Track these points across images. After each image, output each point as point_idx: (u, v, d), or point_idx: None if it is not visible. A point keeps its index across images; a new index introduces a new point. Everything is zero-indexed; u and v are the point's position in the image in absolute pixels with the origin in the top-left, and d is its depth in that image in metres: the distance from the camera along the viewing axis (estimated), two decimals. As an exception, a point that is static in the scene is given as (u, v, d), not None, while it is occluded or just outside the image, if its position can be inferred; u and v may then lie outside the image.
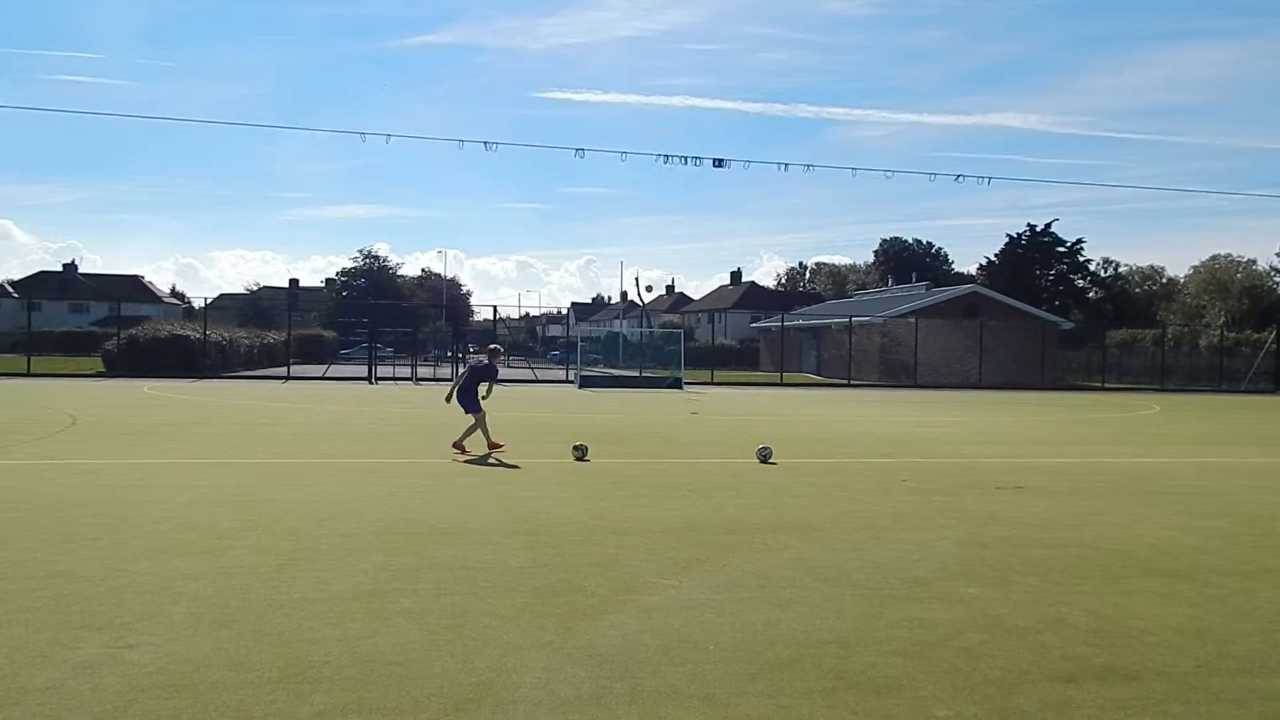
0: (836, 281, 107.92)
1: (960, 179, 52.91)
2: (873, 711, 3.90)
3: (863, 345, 45.78)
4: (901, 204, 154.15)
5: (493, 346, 14.27)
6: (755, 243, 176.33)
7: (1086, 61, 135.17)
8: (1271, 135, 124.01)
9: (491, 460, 11.99)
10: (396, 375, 39.57)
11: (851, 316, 47.08)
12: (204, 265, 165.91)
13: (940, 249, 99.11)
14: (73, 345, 55.58)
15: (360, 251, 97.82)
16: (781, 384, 40.65)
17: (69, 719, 3.66)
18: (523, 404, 24.59)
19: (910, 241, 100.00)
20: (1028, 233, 73.63)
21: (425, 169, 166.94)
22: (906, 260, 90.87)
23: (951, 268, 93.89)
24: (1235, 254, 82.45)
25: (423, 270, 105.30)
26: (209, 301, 47.49)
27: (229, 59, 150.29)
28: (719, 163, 23.78)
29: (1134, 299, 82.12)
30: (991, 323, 45.35)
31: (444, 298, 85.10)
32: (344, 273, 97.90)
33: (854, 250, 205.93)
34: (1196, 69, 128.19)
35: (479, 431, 12.85)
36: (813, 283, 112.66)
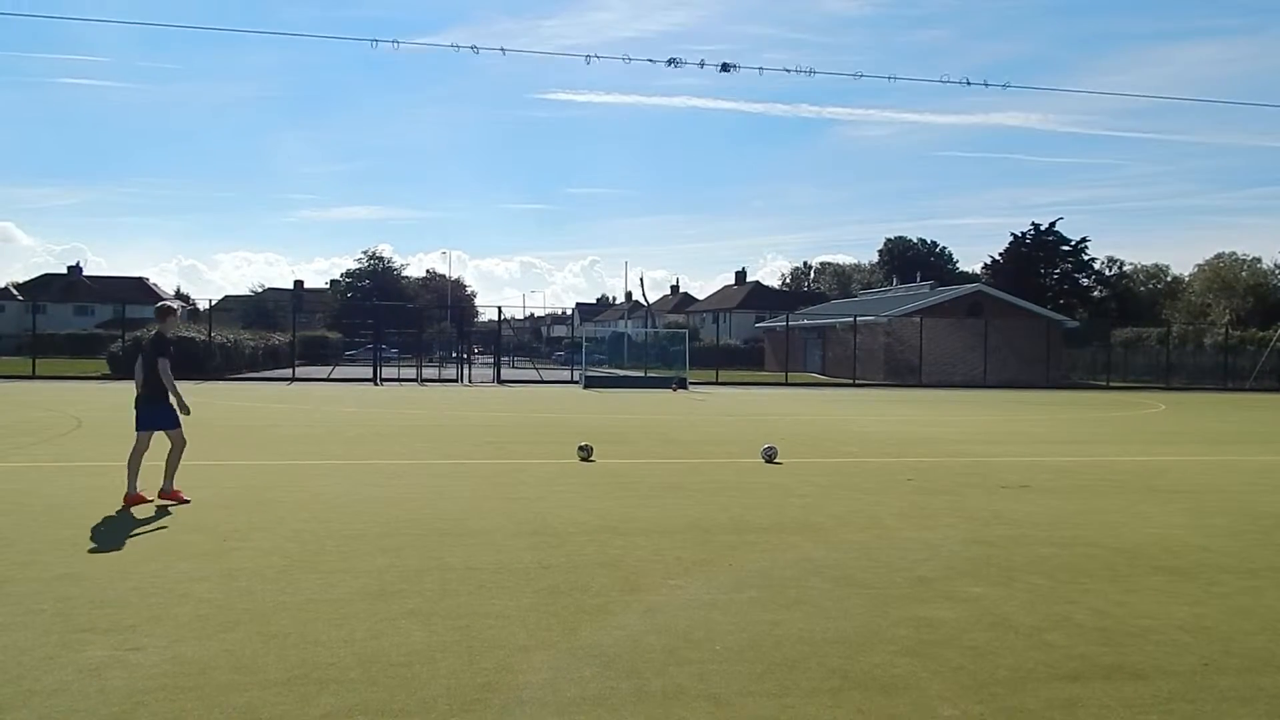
0: (841, 281, 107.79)
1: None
2: (879, 711, 3.89)
3: (867, 345, 45.74)
4: (905, 203, 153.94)
5: (162, 304, 8.98)
6: (759, 242, 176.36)
7: (1087, 61, 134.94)
8: (1274, 134, 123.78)
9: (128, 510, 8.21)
10: (402, 377, 39.61)
11: (856, 316, 47.01)
12: (208, 267, 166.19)
13: (945, 248, 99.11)
14: (78, 347, 55.68)
15: (364, 253, 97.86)
16: (786, 384, 40.62)
17: (76, 721, 3.66)
18: (528, 404, 24.61)
19: (915, 241, 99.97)
20: (1032, 232, 73.55)
21: (427, 171, 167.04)
22: (911, 259, 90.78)
23: (956, 267, 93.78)
24: (1240, 252, 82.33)
25: (427, 271, 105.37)
26: (213, 303, 47.57)
27: (230, 61, 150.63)
28: (726, 68, 22.92)
29: (1139, 297, 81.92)
30: (996, 322, 45.28)
31: (449, 298, 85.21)
32: (348, 274, 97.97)
33: (858, 250, 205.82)
34: (1198, 68, 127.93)
35: (169, 460, 8.64)
36: (817, 282, 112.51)
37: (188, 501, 8.46)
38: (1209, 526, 8.24)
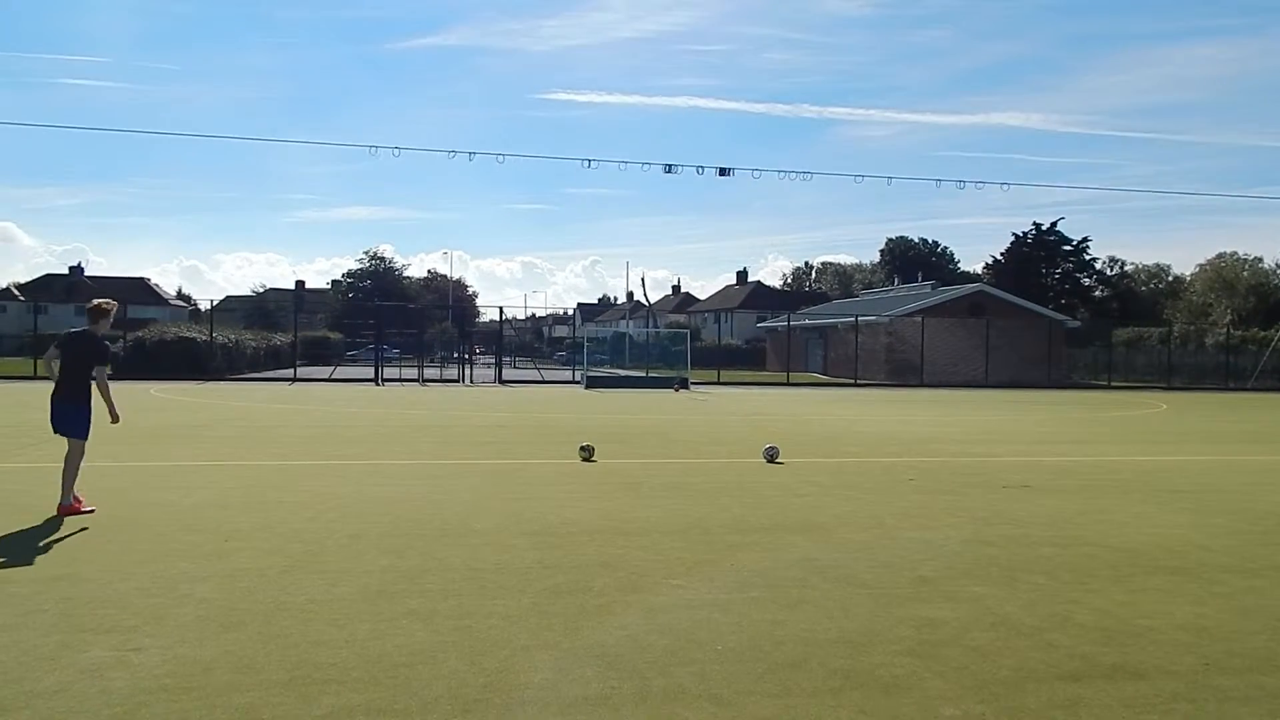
0: (842, 281, 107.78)
1: (963, 185, 52.31)
2: (880, 711, 3.89)
3: (869, 345, 45.72)
4: (906, 203, 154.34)
5: (96, 303, 8.23)
6: (761, 242, 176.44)
7: (1088, 61, 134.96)
8: (1275, 134, 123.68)
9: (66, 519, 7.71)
10: (403, 377, 39.63)
11: (858, 316, 47.01)
12: (209, 268, 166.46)
13: (946, 248, 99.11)
14: (80, 348, 55.58)
15: (365, 253, 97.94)
16: (788, 384, 40.62)
17: (78, 721, 3.67)
18: (529, 404, 24.62)
19: (916, 241, 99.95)
20: (1033, 231, 73.59)
21: (428, 171, 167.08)
22: (912, 259, 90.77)
23: (957, 267, 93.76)
24: (1241, 252, 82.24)
25: (429, 271, 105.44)
26: (215, 304, 47.60)
27: (231, 62, 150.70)
28: (724, 171, 23.81)
29: (1140, 297, 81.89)
30: (998, 322, 45.28)
31: (450, 298, 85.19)
32: (350, 274, 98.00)
33: (859, 250, 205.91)
34: (1198, 67, 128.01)
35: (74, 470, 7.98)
36: (818, 282, 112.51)
37: (91, 510, 7.89)
38: (1211, 526, 8.23)
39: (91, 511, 7.97)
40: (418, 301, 79.93)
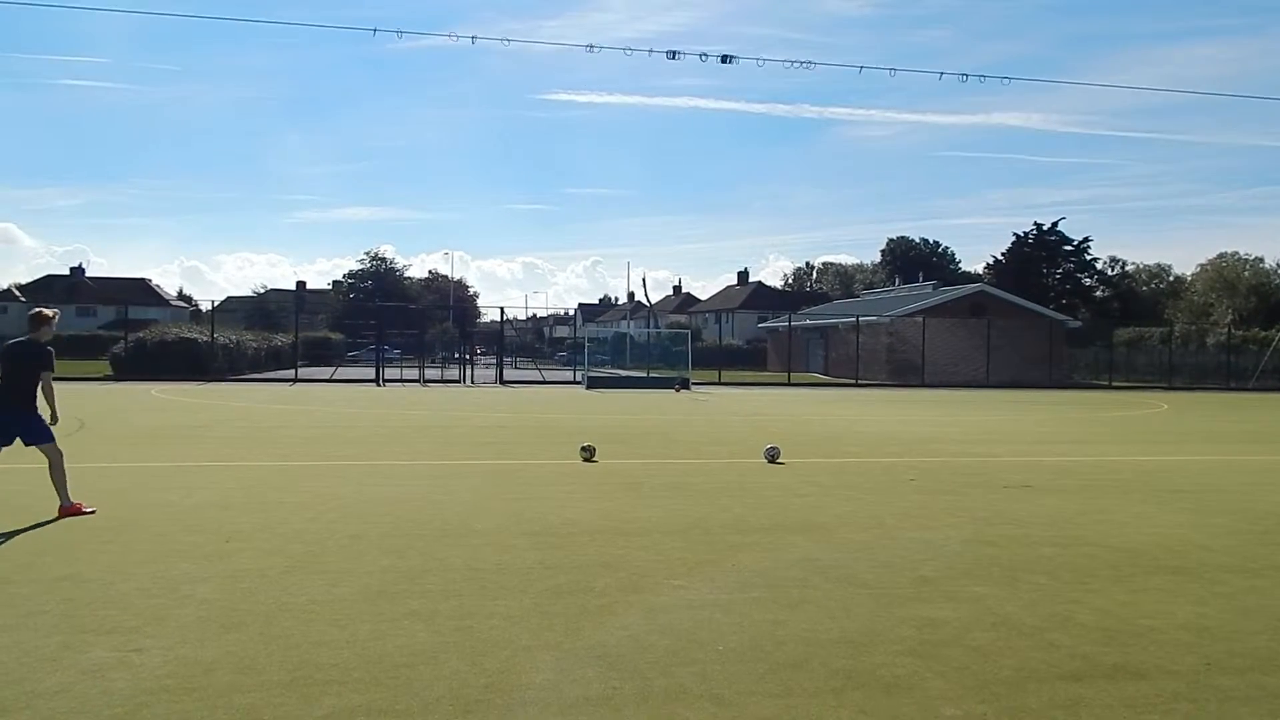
0: (843, 281, 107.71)
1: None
2: (882, 711, 3.89)
3: (870, 345, 45.71)
4: (907, 203, 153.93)
5: (37, 310, 8.08)
6: (761, 243, 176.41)
7: (1088, 61, 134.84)
8: (1275, 133, 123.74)
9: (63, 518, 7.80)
10: (404, 377, 39.65)
11: (859, 316, 47.00)
12: (210, 268, 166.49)
13: (947, 248, 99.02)
14: (80, 348, 55.54)
15: (366, 253, 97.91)
16: (789, 384, 40.62)
17: (79, 722, 3.67)
18: (530, 405, 24.62)
19: (917, 241, 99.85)
20: (1034, 232, 73.56)
21: (429, 171, 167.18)
22: (913, 260, 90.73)
23: (958, 267, 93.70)
24: (1242, 252, 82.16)
25: (430, 272, 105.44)
26: (216, 304, 47.63)
27: (231, 62, 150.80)
28: (727, 59, 23.11)
29: (1141, 297, 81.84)
30: (999, 322, 45.25)
31: (451, 299, 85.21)
32: (351, 275, 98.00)
33: (860, 250, 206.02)
34: (1198, 67, 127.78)
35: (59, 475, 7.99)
36: (819, 283, 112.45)
37: (92, 512, 7.94)
38: (1211, 526, 8.23)
39: (93, 513, 7.97)
40: (419, 302, 79.95)
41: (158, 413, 19.87)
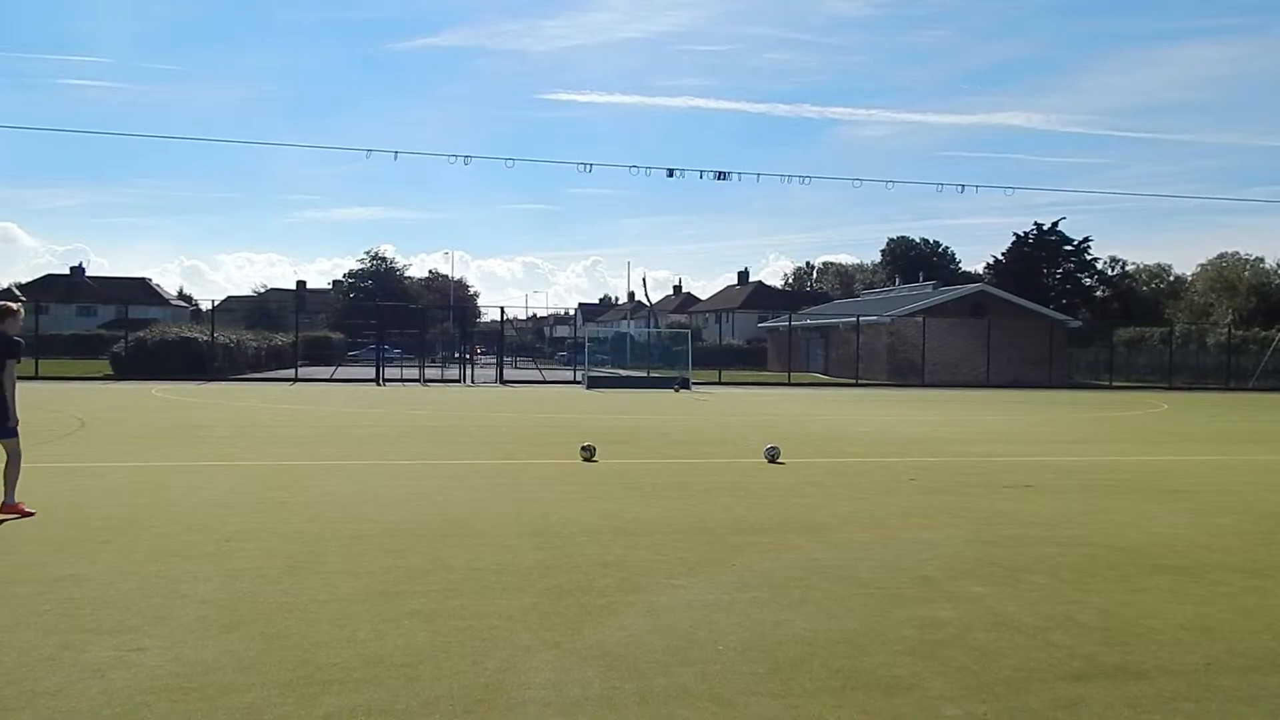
0: (844, 281, 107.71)
1: (963, 189, 52.43)
2: (882, 711, 3.89)
3: (870, 345, 45.71)
4: (908, 203, 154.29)
5: (2, 304, 7.82)
6: (762, 243, 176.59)
7: (1088, 60, 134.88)
8: (1275, 134, 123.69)
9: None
10: (404, 377, 39.64)
11: (859, 316, 46.99)
12: (210, 268, 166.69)
13: (947, 248, 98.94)
14: (81, 348, 55.72)
15: (367, 253, 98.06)
16: (789, 384, 40.61)
17: (79, 721, 3.66)
18: (531, 405, 24.62)
19: (917, 241, 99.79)
20: (1034, 232, 73.57)
21: (429, 171, 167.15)
22: (913, 259, 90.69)
23: (959, 267, 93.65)
24: (1243, 252, 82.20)
25: (430, 272, 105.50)
26: (216, 304, 47.61)
27: (231, 62, 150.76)
28: (722, 175, 24.08)
29: (1141, 297, 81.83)
30: (999, 322, 45.24)
31: (451, 299, 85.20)
32: (351, 274, 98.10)
33: (861, 250, 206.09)
34: (1199, 67, 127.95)
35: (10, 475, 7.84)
36: (820, 282, 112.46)
37: (31, 514, 7.74)
38: (1213, 526, 8.22)
39: (33, 514, 7.71)
40: (419, 302, 79.98)
41: (158, 412, 19.87)
